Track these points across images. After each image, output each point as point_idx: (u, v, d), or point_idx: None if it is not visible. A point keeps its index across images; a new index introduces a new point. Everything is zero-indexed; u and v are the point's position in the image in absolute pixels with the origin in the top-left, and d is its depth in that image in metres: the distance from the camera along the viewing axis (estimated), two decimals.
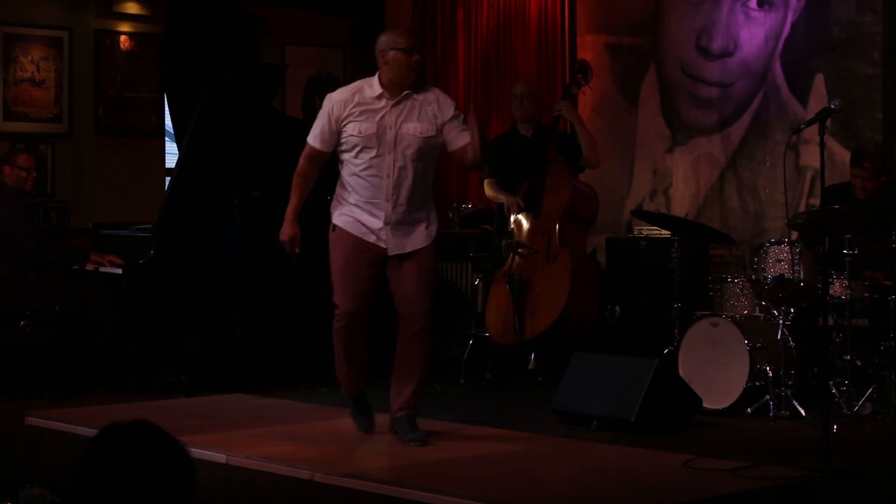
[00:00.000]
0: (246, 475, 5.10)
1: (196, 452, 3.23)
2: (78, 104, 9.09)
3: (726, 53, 8.29)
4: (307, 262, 6.00)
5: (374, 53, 5.63)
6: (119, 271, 7.18)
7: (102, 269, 7.31)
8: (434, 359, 8.15)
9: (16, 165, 7.29)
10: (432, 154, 5.63)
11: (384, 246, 5.56)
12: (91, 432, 4.86)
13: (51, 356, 7.00)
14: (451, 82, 9.72)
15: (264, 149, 7.28)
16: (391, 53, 5.54)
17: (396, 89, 5.54)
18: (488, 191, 7.45)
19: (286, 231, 5.65)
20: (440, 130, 5.58)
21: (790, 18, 8.00)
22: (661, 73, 8.69)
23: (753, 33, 8.16)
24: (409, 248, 5.58)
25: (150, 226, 7.33)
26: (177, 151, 9.42)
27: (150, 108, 9.42)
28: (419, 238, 5.61)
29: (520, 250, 7.10)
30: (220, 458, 5.29)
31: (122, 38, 9.27)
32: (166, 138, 9.69)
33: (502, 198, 7.28)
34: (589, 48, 8.96)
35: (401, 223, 5.56)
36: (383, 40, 5.61)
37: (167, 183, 8.67)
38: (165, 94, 9.55)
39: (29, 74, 8.89)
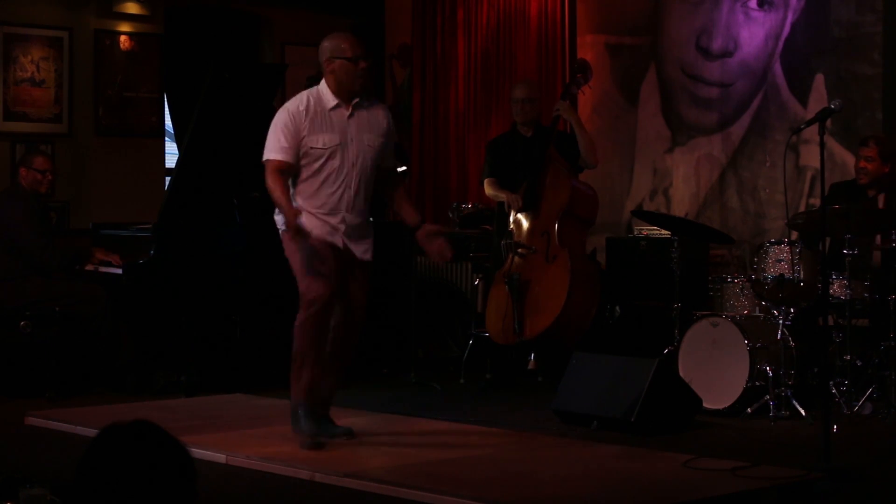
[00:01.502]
0: (246, 475, 5.10)
1: (196, 452, 3.23)
2: (78, 104, 9.09)
3: (726, 53, 8.29)
4: None
5: (319, 60, 5.58)
6: (119, 271, 7.19)
7: (102, 269, 7.31)
8: (434, 359, 8.20)
9: (32, 167, 7.28)
10: (377, 163, 5.67)
11: (340, 245, 5.52)
12: (91, 432, 4.87)
13: (51, 356, 7.00)
14: (451, 82, 9.72)
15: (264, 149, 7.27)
16: (337, 62, 5.52)
17: (346, 98, 5.55)
18: (488, 190, 7.45)
19: (289, 214, 5.35)
20: (384, 142, 5.65)
21: (790, 18, 7.99)
22: (661, 73, 8.69)
23: (753, 33, 8.16)
24: (360, 256, 5.58)
25: (150, 226, 7.34)
26: (177, 151, 9.42)
27: (150, 108, 9.42)
28: (368, 248, 5.63)
29: (519, 250, 7.10)
30: (220, 458, 5.30)
31: (122, 38, 9.27)
32: (166, 138, 9.68)
33: (502, 196, 7.28)
34: (589, 48, 8.96)
35: (355, 231, 5.57)
36: (327, 47, 5.56)
37: (167, 183, 8.66)
38: (165, 94, 9.55)
39: (29, 74, 8.89)
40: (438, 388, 7.34)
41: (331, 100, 5.53)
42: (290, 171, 5.51)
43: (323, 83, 5.58)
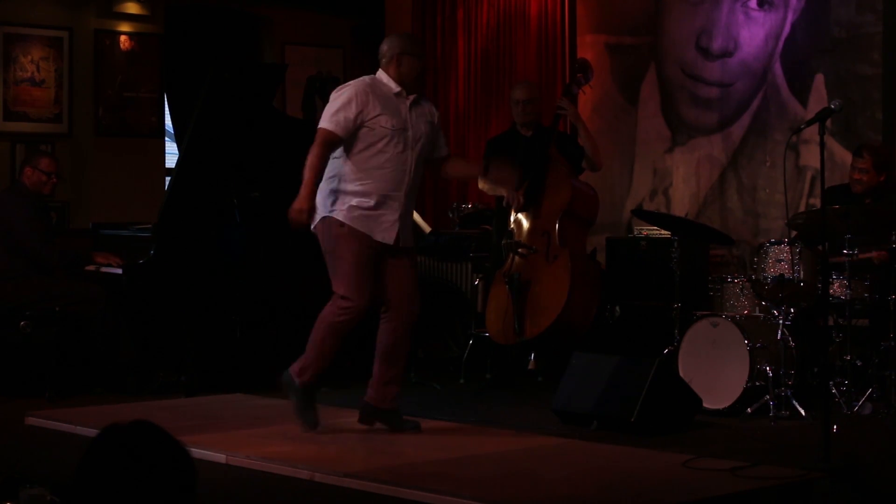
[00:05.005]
0: (246, 475, 5.10)
1: (196, 452, 3.23)
2: (78, 104, 9.09)
3: (726, 53, 8.29)
4: (306, 262, 5.99)
5: (383, 52, 5.80)
6: (119, 271, 7.19)
7: (103, 270, 7.30)
8: (434, 359, 8.20)
9: (38, 168, 7.27)
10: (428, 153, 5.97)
11: (391, 241, 5.72)
12: (91, 432, 4.87)
13: (51, 356, 6.99)
14: (451, 82, 9.72)
15: (264, 149, 7.28)
16: (406, 58, 5.77)
17: (406, 91, 5.79)
18: (482, 184, 7.40)
19: (301, 202, 5.56)
20: (435, 133, 5.95)
21: (790, 18, 8.00)
22: (661, 73, 8.69)
23: (753, 33, 8.16)
24: (410, 242, 5.84)
25: (150, 226, 7.34)
26: (177, 151, 9.43)
27: (150, 108, 9.42)
28: (412, 233, 5.92)
29: (520, 250, 7.09)
30: (220, 458, 5.30)
31: (122, 38, 9.27)
32: (166, 138, 9.69)
33: (501, 190, 7.26)
34: (589, 48, 8.96)
35: (406, 215, 5.82)
36: (398, 44, 5.82)
37: (167, 183, 8.67)
38: (165, 94, 9.55)
39: (29, 74, 8.89)
40: (438, 388, 7.34)
41: (394, 87, 5.77)
42: (338, 145, 5.69)
43: (382, 73, 5.80)
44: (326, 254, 5.74)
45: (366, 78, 5.81)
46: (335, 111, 5.66)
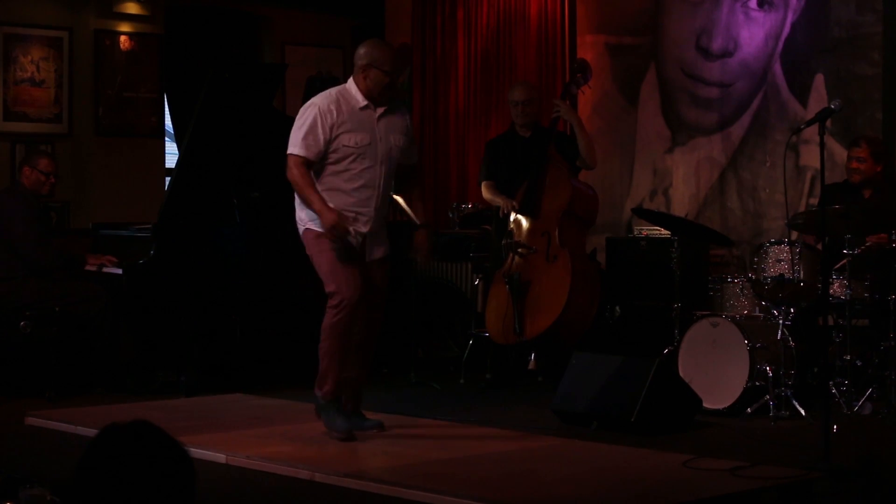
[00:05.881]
0: (246, 475, 5.10)
1: (196, 452, 3.23)
2: (78, 104, 9.08)
3: (726, 53, 8.29)
4: (306, 262, 5.98)
5: (355, 59, 5.70)
6: (119, 271, 7.19)
7: (105, 270, 7.30)
8: (434, 359, 8.20)
9: (36, 168, 7.27)
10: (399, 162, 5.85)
11: (360, 251, 5.69)
12: (91, 432, 4.87)
13: (51, 356, 7.00)
14: (451, 82, 9.72)
15: (264, 149, 7.28)
16: (373, 72, 5.64)
17: (373, 102, 5.68)
18: (485, 193, 7.44)
19: (329, 216, 5.45)
20: (407, 140, 5.82)
21: (790, 18, 8.00)
22: (661, 73, 8.69)
23: (753, 33, 8.16)
24: (378, 255, 5.75)
25: (150, 226, 7.34)
26: (177, 151, 9.43)
27: (150, 108, 9.42)
28: (385, 244, 5.81)
29: (519, 250, 7.09)
30: (220, 458, 5.30)
31: (122, 38, 9.27)
32: (166, 138, 9.68)
33: (498, 201, 7.29)
34: (589, 48, 8.96)
35: (377, 228, 5.72)
36: (369, 54, 5.66)
37: (167, 183, 8.67)
38: (165, 94, 9.55)
39: (29, 74, 8.88)
40: (438, 388, 7.34)
41: (361, 100, 5.65)
42: (311, 168, 5.61)
43: (352, 82, 5.70)
44: (312, 261, 5.68)
45: (332, 91, 5.68)
46: (304, 135, 5.54)
